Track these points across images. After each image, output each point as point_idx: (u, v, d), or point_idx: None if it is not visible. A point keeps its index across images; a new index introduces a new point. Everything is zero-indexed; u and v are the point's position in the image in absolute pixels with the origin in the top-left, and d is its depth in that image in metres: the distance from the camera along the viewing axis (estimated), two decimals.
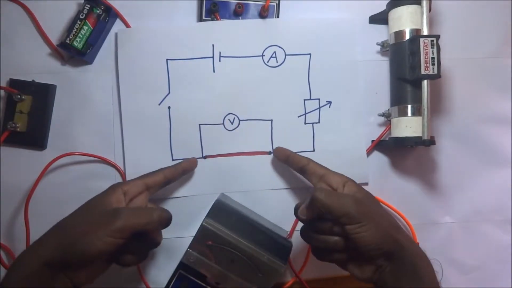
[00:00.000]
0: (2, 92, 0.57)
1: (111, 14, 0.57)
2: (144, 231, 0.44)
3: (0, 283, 0.41)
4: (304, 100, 0.58)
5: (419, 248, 0.45)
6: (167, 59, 0.57)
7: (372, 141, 0.59)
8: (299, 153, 0.56)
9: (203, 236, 0.49)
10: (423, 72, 0.52)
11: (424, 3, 0.53)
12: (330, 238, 0.44)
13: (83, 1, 0.54)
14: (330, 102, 0.59)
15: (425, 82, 0.53)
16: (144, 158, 0.57)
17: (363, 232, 0.42)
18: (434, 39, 0.52)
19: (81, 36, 0.54)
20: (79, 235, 0.41)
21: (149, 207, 0.50)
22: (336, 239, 0.44)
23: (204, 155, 0.58)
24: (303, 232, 0.48)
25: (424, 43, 0.52)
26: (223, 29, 0.57)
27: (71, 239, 0.41)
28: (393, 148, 0.60)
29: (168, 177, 0.52)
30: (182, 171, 0.55)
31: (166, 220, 0.47)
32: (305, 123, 0.59)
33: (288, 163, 0.55)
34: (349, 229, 0.42)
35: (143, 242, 0.46)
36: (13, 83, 0.56)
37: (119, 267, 0.57)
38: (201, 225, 0.49)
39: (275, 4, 0.57)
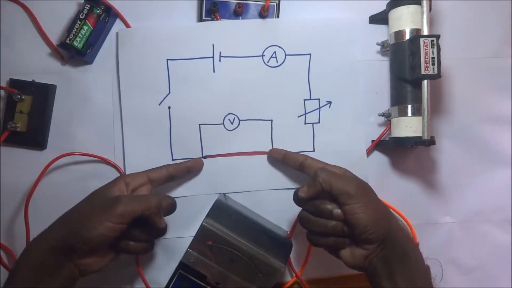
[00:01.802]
0: (2, 92, 0.57)
1: (111, 14, 0.57)
2: (144, 216, 0.44)
3: (10, 272, 0.43)
4: (304, 100, 0.58)
5: (407, 233, 0.47)
6: (167, 59, 0.57)
7: (372, 141, 0.59)
8: (298, 153, 0.56)
9: (203, 236, 0.49)
10: (423, 72, 0.52)
11: (424, 3, 0.53)
12: (329, 222, 0.45)
13: (83, 1, 0.54)
14: (330, 102, 0.59)
15: (425, 82, 0.53)
16: (144, 158, 0.57)
17: (361, 213, 0.43)
18: (434, 39, 0.52)
19: (81, 36, 0.54)
20: (82, 221, 0.43)
21: (148, 194, 0.51)
22: (335, 223, 0.45)
23: (204, 155, 0.58)
24: (302, 216, 0.48)
25: (424, 43, 0.52)
26: (224, 29, 0.57)
27: (75, 226, 0.43)
28: (393, 148, 0.60)
29: (171, 173, 0.53)
30: (186, 170, 0.55)
31: (168, 206, 0.48)
32: (305, 123, 0.59)
33: (285, 162, 0.56)
34: (347, 209, 0.44)
35: (145, 229, 0.47)
36: (13, 83, 0.56)
37: (119, 267, 0.57)
38: (201, 225, 0.49)
39: (275, 4, 0.57)
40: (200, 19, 0.57)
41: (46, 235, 0.44)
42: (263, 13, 0.57)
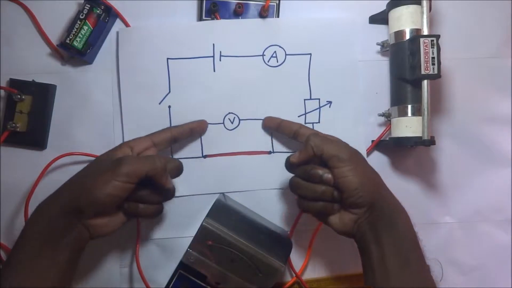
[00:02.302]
0: (2, 92, 0.57)
1: (111, 14, 0.57)
2: (149, 177, 0.44)
3: (18, 237, 0.43)
4: (304, 100, 0.58)
5: (397, 201, 0.47)
6: (167, 58, 0.57)
7: (372, 141, 0.59)
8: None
9: (203, 236, 0.49)
10: (423, 72, 0.52)
11: (424, 3, 0.53)
12: (319, 187, 0.46)
13: (83, 1, 0.54)
14: (330, 102, 0.59)
15: (425, 82, 0.53)
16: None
17: (350, 176, 0.44)
18: (434, 39, 0.52)
19: (81, 36, 0.54)
20: (88, 183, 0.43)
21: (153, 155, 0.51)
22: (324, 187, 0.46)
23: (204, 154, 0.58)
24: (292, 182, 0.49)
25: (424, 43, 0.52)
26: (224, 28, 0.57)
27: (82, 187, 0.43)
28: (393, 148, 0.60)
29: (174, 135, 0.53)
30: (190, 131, 0.55)
31: (174, 168, 0.49)
32: (305, 123, 0.58)
33: (280, 130, 0.56)
34: (337, 172, 0.44)
35: (153, 190, 0.47)
36: (13, 83, 0.56)
37: (119, 267, 0.57)
38: (201, 225, 0.49)
39: (275, 4, 0.57)
40: (200, 19, 0.57)
41: (54, 198, 0.44)
42: (263, 13, 0.57)
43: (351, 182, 0.44)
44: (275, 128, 0.57)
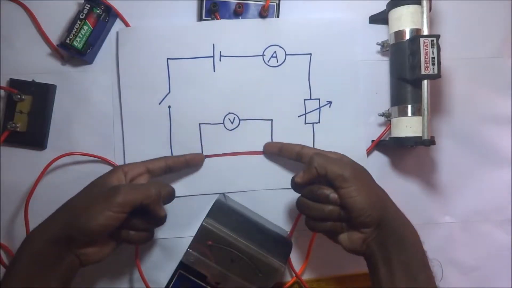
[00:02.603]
0: (2, 92, 0.57)
1: (111, 14, 0.56)
2: (143, 206, 0.44)
3: (9, 264, 0.43)
4: (304, 100, 0.58)
5: (406, 219, 0.46)
6: (167, 58, 0.57)
7: (372, 141, 0.59)
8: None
9: (203, 236, 0.49)
10: (423, 72, 0.52)
11: (424, 3, 0.53)
12: (326, 207, 0.46)
13: (83, 1, 0.54)
14: (330, 102, 0.59)
15: (425, 82, 0.53)
16: (144, 158, 0.56)
17: (356, 196, 0.43)
18: (435, 39, 0.52)
19: (81, 36, 0.54)
20: (81, 211, 0.43)
21: (147, 182, 0.51)
22: (331, 207, 0.46)
23: (204, 154, 0.58)
24: (300, 202, 0.48)
25: (424, 43, 0.52)
26: (224, 28, 0.57)
27: (74, 217, 0.43)
28: (393, 148, 0.60)
29: (169, 165, 0.53)
30: (185, 162, 0.55)
31: (167, 195, 0.48)
32: (305, 123, 0.59)
33: (282, 154, 0.56)
34: (343, 193, 0.44)
35: (145, 218, 0.47)
36: (13, 83, 0.56)
37: (119, 267, 0.57)
38: (201, 225, 0.49)
39: (275, 4, 0.57)
40: (200, 19, 0.57)
41: (45, 225, 0.44)
42: (263, 13, 0.57)
43: (358, 203, 0.43)
44: (276, 152, 0.56)
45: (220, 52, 0.57)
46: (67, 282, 0.44)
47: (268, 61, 0.58)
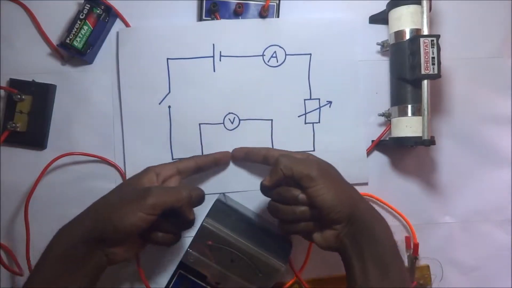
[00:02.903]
0: (2, 92, 0.57)
1: (111, 14, 0.57)
2: (174, 208, 0.44)
3: (37, 263, 0.43)
4: (304, 100, 0.58)
5: (376, 212, 0.47)
6: (167, 58, 0.57)
7: (372, 141, 0.59)
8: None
9: (203, 236, 0.49)
10: (423, 72, 0.52)
11: (424, 3, 0.53)
12: (297, 208, 0.46)
13: (83, 1, 0.54)
14: (330, 102, 0.59)
15: (425, 82, 0.53)
16: (144, 158, 0.57)
17: (324, 194, 0.44)
18: (435, 39, 0.52)
19: (81, 36, 0.54)
20: (113, 211, 0.43)
21: (179, 185, 0.51)
22: (302, 208, 0.46)
23: (204, 154, 0.58)
24: (270, 206, 0.48)
25: (424, 43, 0.52)
26: (224, 28, 0.57)
27: (106, 216, 0.43)
28: (393, 148, 0.60)
29: (199, 164, 0.53)
30: (214, 161, 0.55)
31: (197, 198, 0.48)
32: (305, 123, 0.59)
33: (248, 159, 0.56)
34: (311, 192, 0.44)
35: (175, 220, 0.47)
36: (13, 83, 0.56)
37: (118, 268, 0.57)
38: (201, 225, 0.49)
39: (275, 4, 0.57)
40: (200, 19, 0.57)
41: (75, 224, 0.44)
42: (263, 13, 0.57)
43: (327, 200, 0.44)
44: (242, 157, 0.56)
45: (220, 52, 0.57)
46: (93, 281, 0.44)
47: (268, 61, 0.58)
